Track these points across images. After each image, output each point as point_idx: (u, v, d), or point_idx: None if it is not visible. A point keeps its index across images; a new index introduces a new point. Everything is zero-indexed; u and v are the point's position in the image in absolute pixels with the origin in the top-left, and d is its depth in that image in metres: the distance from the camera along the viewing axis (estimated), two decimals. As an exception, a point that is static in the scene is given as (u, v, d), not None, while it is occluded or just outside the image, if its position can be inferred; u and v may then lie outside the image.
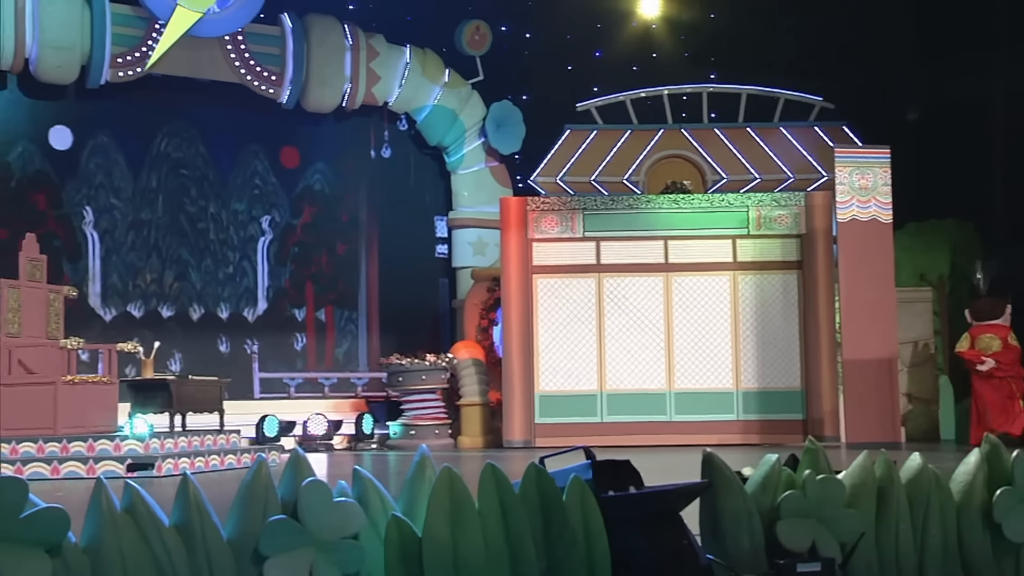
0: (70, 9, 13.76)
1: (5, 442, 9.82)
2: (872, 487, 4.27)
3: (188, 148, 15.37)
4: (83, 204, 14.56)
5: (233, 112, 15.45)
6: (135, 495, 2.52)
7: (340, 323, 16.44)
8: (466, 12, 16.58)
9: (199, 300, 15.36)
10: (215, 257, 15.57)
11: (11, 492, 2.22)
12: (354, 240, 16.60)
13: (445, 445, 14.15)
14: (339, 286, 16.45)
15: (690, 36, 17.70)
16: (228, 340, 15.56)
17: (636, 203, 14.26)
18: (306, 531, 2.74)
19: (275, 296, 15.99)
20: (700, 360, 14.00)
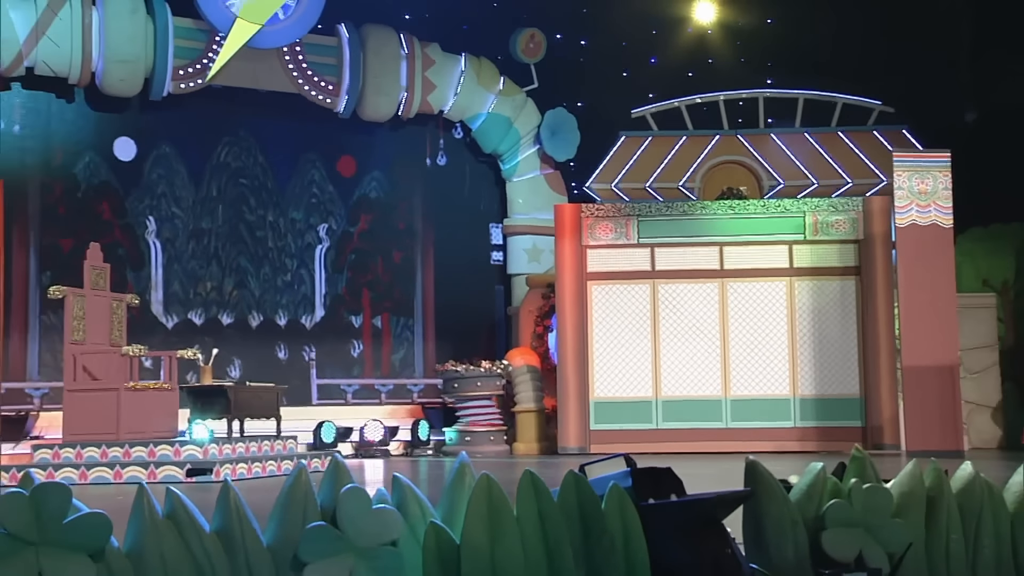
0: (134, 24, 14.03)
1: (70, 446, 10.04)
2: (921, 496, 4.21)
3: (247, 158, 15.60)
4: (146, 214, 14.83)
5: (291, 122, 15.66)
6: (176, 501, 2.58)
7: (396, 330, 16.56)
8: (521, 20, 16.65)
9: (258, 307, 15.57)
10: (273, 265, 15.77)
11: (55, 498, 2.28)
12: (410, 248, 16.73)
13: (500, 451, 14.19)
14: (395, 293, 16.58)
15: (746, 41, 17.64)
16: (286, 347, 15.74)
17: (691, 209, 14.21)
18: (345, 538, 2.77)
19: (332, 303, 16.15)
20: (756, 366, 13.90)
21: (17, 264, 13.80)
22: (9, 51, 13.57)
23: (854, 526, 3.95)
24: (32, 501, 2.26)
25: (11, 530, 2.27)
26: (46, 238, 14.20)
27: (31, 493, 2.25)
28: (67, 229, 14.17)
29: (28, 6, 13.70)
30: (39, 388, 13.69)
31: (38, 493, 2.26)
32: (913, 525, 4.13)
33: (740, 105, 17.06)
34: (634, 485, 3.37)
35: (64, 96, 14.42)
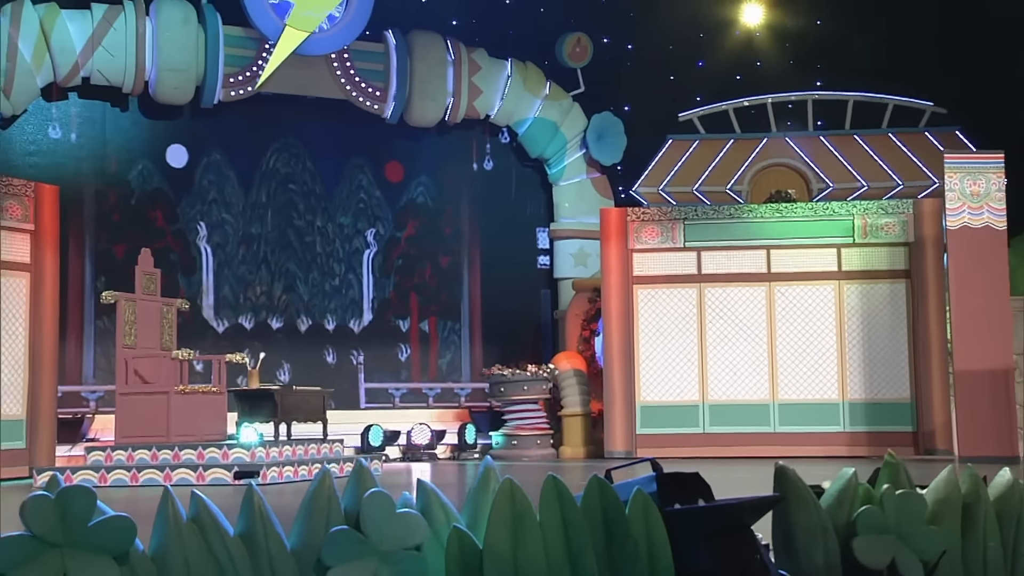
0: (186, 33, 14.24)
1: (122, 449, 10.22)
2: (957, 503, 4.17)
3: (296, 164, 15.77)
4: (197, 219, 15.05)
5: (339, 128, 15.81)
6: (201, 505, 2.63)
7: (443, 334, 16.65)
8: (568, 25, 16.68)
9: (307, 312, 15.73)
10: (322, 270, 15.93)
11: (80, 501, 2.33)
12: (457, 252, 16.81)
13: (547, 455, 14.21)
14: (442, 297, 16.67)
15: (795, 44, 17.52)
16: (334, 351, 15.89)
17: (738, 212, 14.14)
18: (368, 542, 2.79)
19: (380, 307, 16.28)
20: (804, 370, 13.79)
21: (73, 270, 14.06)
22: (66, 61, 13.84)
23: (886, 533, 3.92)
24: (58, 504, 2.32)
25: (37, 533, 2.33)
26: (101, 244, 14.46)
27: (56, 496, 2.31)
28: (121, 235, 14.41)
29: (84, 17, 13.96)
30: (95, 391, 13.93)
31: (63, 496, 2.32)
32: (948, 532, 4.09)
33: (789, 108, 16.98)
34: (659, 490, 3.37)
35: (118, 105, 14.68)
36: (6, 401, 11.43)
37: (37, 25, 13.61)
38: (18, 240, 11.66)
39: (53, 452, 11.83)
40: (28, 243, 11.73)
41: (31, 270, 11.72)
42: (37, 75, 13.73)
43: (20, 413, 11.57)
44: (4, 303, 11.44)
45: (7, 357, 11.45)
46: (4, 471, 11.07)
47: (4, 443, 11.34)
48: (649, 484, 3.40)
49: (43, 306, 11.77)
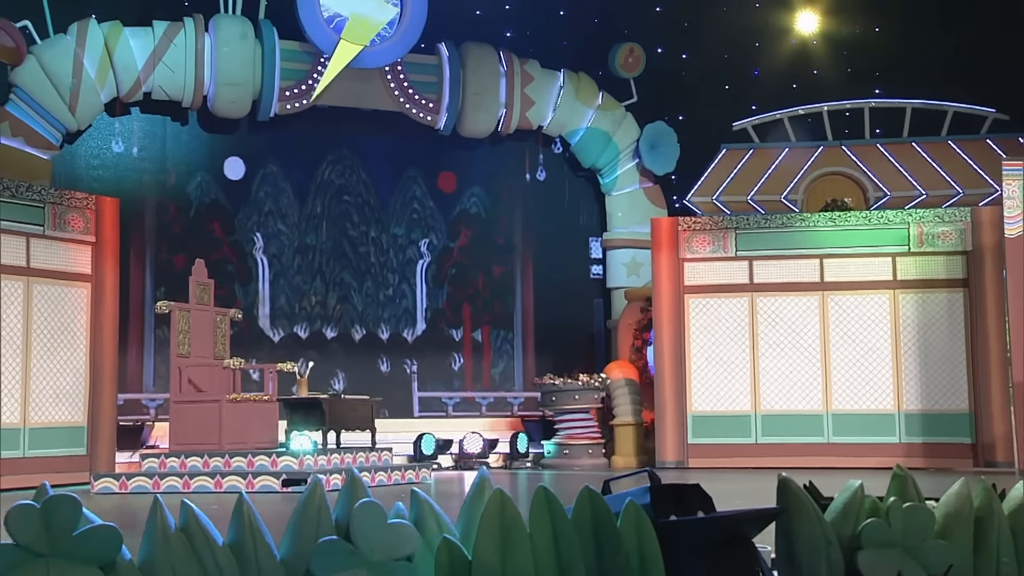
0: (244, 48, 14.51)
1: (175, 456, 10.45)
2: (968, 517, 4.13)
3: (351, 175, 15.98)
4: (253, 230, 15.31)
5: (392, 139, 15.99)
6: (190, 515, 2.71)
7: (496, 343, 16.75)
8: (622, 35, 16.70)
9: (361, 321, 15.90)
10: (376, 280, 16.11)
11: (65, 510, 2.40)
12: (510, 262, 16.90)
13: (598, 464, 14.22)
14: (495, 307, 16.76)
15: (853, 51, 17.36)
16: (388, 360, 16.05)
17: (790, 221, 14.05)
18: (358, 552, 2.81)
19: (433, 317, 16.42)
20: (859, 380, 13.64)
21: (134, 280, 14.38)
22: (128, 78, 14.18)
23: (892, 546, 3.90)
24: (43, 513, 2.38)
25: (22, 542, 2.37)
26: (161, 255, 14.77)
27: (42, 505, 2.40)
28: (180, 246, 14.71)
29: (146, 34, 14.30)
30: (154, 399, 14.24)
31: (48, 505, 2.39)
32: (959, 547, 4.05)
33: (846, 116, 16.81)
34: (654, 502, 3.40)
35: (179, 119, 15.00)
36: (68, 408, 11.75)
37: (101, 43, 13.97)
38: (80, 252, 11.99)
39: (113, 458, 12.12)
40: (89, 255, 12.06)
41: (92, 281, 12.04)
42: (101, 91, 14.08)
43: (81, 420, 11.89)
44: (66, 313, 11.77)
45: (69, 366, 11.77)
46: (66, 476, 11.38)
47: (66, 449, 11.67)
48: (643, 496, 3.43)
49: (103, 316, 12.07)
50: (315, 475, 3.18)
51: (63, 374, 11.70)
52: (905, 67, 16.55)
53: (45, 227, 11.69)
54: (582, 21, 16.84)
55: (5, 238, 11.29)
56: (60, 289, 11.73)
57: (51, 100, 13.73)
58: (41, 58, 13.68)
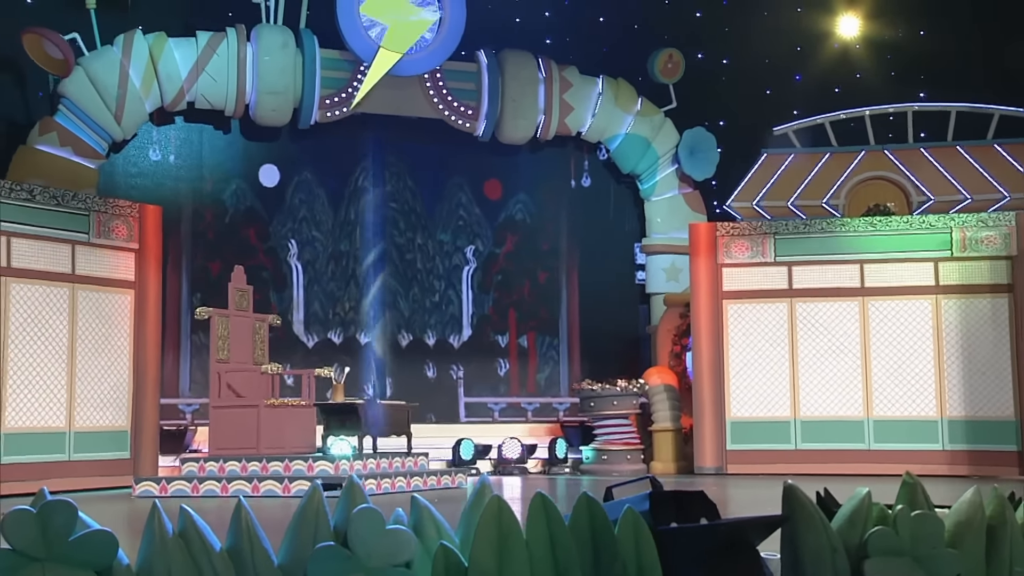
0: (285, 57, 14.69)
1: (214, 460, 10.60)
2: (980, 526, 4.10)
3: (397, 182, 16.11)
4: (288, 237, 15.45)
5: (439, 146, 16.09)
6: (188, 520, 2.75)
7: (542, 349, 16.80)
8: (662, 41, 16.68)
9: (407, 327, 16.01)
10: (422, 286, 16.21)
11: (61, 515, 2.45)
12: (555, 268, 16.95)
13: (637, 470, 14.18)
14: (541, 313, 16.81)
15: (896, 55, 17.21)
16: (434, 366, 16.15)
17: (830, 226, 13.96)
18: (355, 558, 2.79)
19: (479, 323, 16.50)
20: (900, 387, 13.51)
21: (171, 286, 14.58)
22: (172, 87, 14.41)
23: (900, 555, 3.88)
24: (39, 518, 2.44)
25: (18, 547, 2.41)
26: (197, 261, 14.96)
27: (38, 510, 2.47)
28: (216, 252, 14.92)
29: (190, 45, 14.52)
30: (190, 404, 14.43)
31: (45, 510, 2.46)
32: (970, 556, 4.02)
33: (890, 120, 16.67)
34: (653, 509, 3.40)
35: (221, 127, 15.20)
36: (112, 413, 11.97)
37: (146, 53, 14.20)
38: (123, 259, 12.22)
39: (156, 462, 12.33)
40: (133, 262, 12.28)
41: (135, 287, 12.26)
42: (146, 100, 14.32)
43: (125, 425, 12.11)
44: (110, 319, 11.99)
45: (113, 371, 11.99)
46: (110, 480, 11.61)
47: (110, 453, 11.89)
48: (642, 503, 3.44)
49: (146, 322, 12.29)
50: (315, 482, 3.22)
51: (107, 379, 11.92)
52: (950, 70, 16.38)
53: (90, 235, 11.92)
54: (622, 27, 16.86)
55: (51, 245, 11.53)
56: (104, 296, 11.96)
57: (98, 110, 13.99)
58: (88, 69, 13.94)
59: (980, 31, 16.43)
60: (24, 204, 11.34)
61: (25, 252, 11.31)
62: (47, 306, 11.43)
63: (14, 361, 11.07)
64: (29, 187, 11.54)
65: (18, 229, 11.27)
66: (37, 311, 11.34)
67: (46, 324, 11.40)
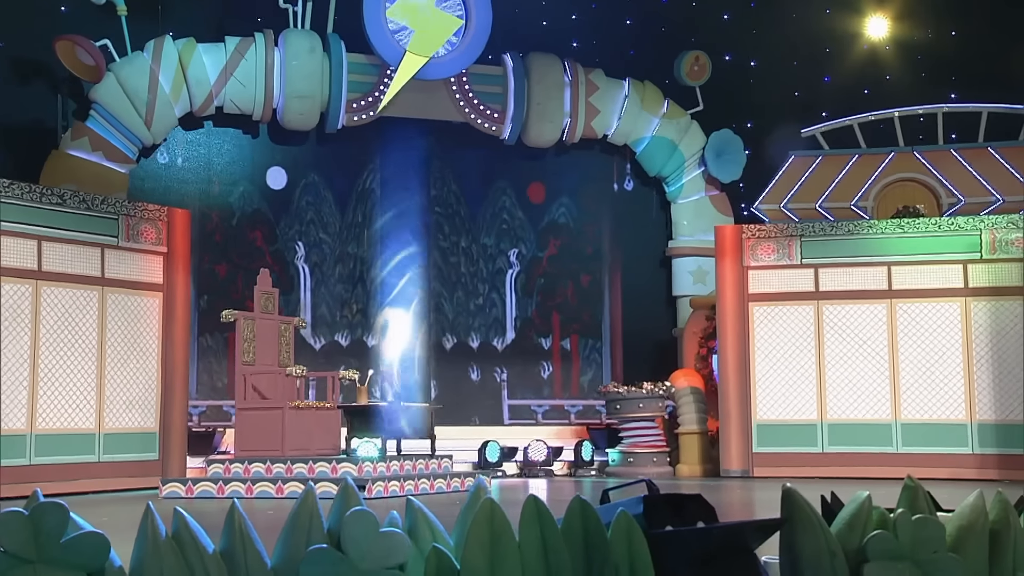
0: (312, 61, 14.80)
1: (239, 462, 10.70)
2: (983, 530, 4.08)
3: (442, 186, 16.22)
4: (295, 239, 15.47)
5: (484, 152, 16.18)
6: (181, 522, 2.79)
7: (584, 351, 16.86)
8: (689, 43, 16.65)
9: (451, 330, 16.09)
10: (466, 289, 16.31)
11: (53, 517, 2.50)
12: (597, 271, 17.00)
13: (663, 473, 14.19)
14: (583, 316, 16.87)
15: (927, 56, 17.09)
16: (478, 368, 16.24)
17: (857, 228, 13.89)
18: (348, 560, 2.81)
19: (522, 326, 16.58)
20: (929, 390, 13.40)
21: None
22: (201, 92, 14.55)
23: (900, 559, 3.88)
24: (31, 520, 2.47)
25: (9, 549, 2.43)
26: (204, 263, 14.90)
27: (30, 512, 2.52)
28: (222, 255, 15.01)
29: (218, 50, 14.67)
30: (197, 406, 14.51)
31: (36, 512, 2.51)
32: (973, 561, 4.00)
33: (920, 121, 16.56)
34: (648, 512, 3.42)
35: (249, 131, 15.34)
36: (141, 414, 12.11)
37: (176, 59, 14.36)
38: (152, 262, 12.36)
39: (184, 463, 12.45)
40: (161, 265, 12.42)
41: (163, 290, 12.40)
42: (175, 105, 14.48)
43: (154, 426, 12.24)
44: (139, 322, 12.14)
45: (141, 373, 12.14)
46: (138, 481, 11.75)
47: (139, 454, 12.04)
48: (636, 506, 3.45)
49: (175, 324, 12.43)
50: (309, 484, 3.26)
51: (136, 381, 12.07)
52: (981, 71, 16.24)
53: (119, 238, 12.08)
54: (649, 30, 16.86)
55: (82, 249, 11.69)
56: (133, 298, 12.11)
57: (128, 115, 14.16)
58: (119, 75, 14.11)
59: (1012, 31, 16.27)
60: (55, 208, 11.50)
61: (56, 256, 11.47)
62: (77, 309, 11.59)
63: (45, 363, 11.23)
64: (60, 191, 11.70)
65: (49, 233, 11.43)
66: (67, 314, 11.50)
67: (76, 327, 11.56)
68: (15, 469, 10.83)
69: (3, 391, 10.84)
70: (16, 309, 11.03)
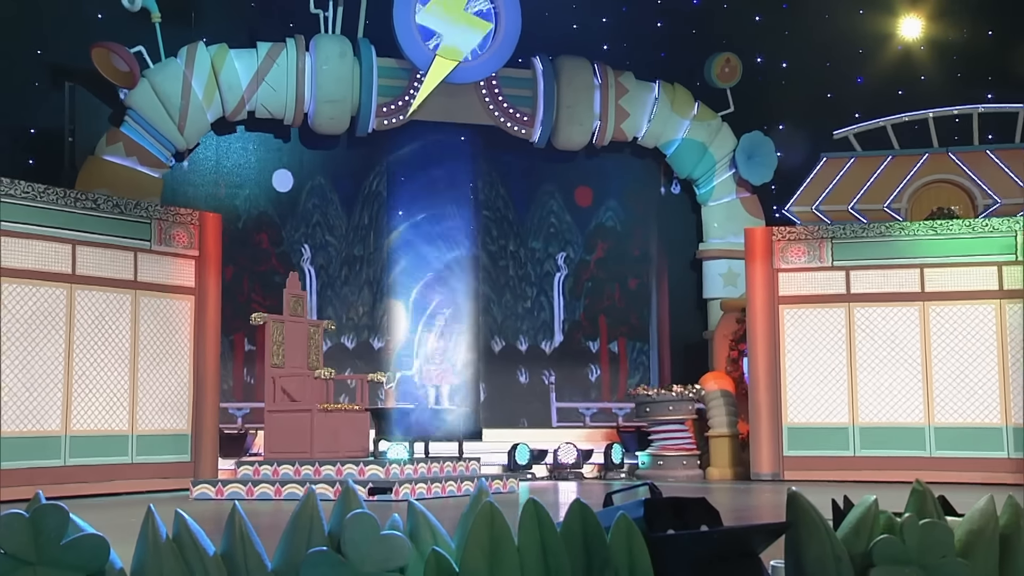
0: (342, 66, 14.90)
1: (268, 464, 10.80)
2: (993, 535, 4.05)
3: (490, 191, 16.30)
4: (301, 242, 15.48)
5: (531, 157, 16.23)
6: (182, 524, 2.84)
7: (632, 354, 16.89)
8: (720, 45, 16.60)
9: (500, 333, 16.15)
10: (514, 292, 16.39)
11: (53, 519, 2.54)
12: (645, 274, 17.01)
13: (693, 476, 14.17)
14: (631, 319, 16.88)
15: (963, 56, 16.94)
16: (526, 371, 16.31)
17: (889, 230, 13.80)
18: (348, 564, 2.82)
19: (570, 329, 16.63)
20: (963, 393, 13.28)
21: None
22: (233, 97, 14.69)
23: (906, 564, 3.87)
24: (31, 522, 2.51)
25: (9, 551, 2.47)
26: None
27: (30, 514, 2.57)
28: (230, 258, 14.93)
29: (250, 55, 14.80)
30: (240, 408, 14.62)
31: (37, 514, 2.56)
32: (982, 566, 3.98)
33: (956, 122, 16.42)
34: (648, 515, 3.42)
35: (280, 136, 15.46)
36: (173, 416, 12.26)
37: (208, 65, 14.50)
38: (184, 265, 12.51)
39: (215, 465, 12.58)
40: (193, 268, 12.56)
41: (195, 293, 12.54)
42: (208, 111, 14.62)
43: (186, 428, 12.39)
44: (171, 324, 12.28)
45: (174, 375, 12.28)
46: (171, 482, 11.88)
47: (171, 456, 12.18)
48: (637, 509, 3.46)
49: (206, 327, 12.57)
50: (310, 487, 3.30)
51: (168, 383, 12.21)
52: (1019, 70, 16.07)
53: (151, 242, 12.23)
54: (680, 33, 16.82)
55: (114, 253, 11.85)
56: (165, 301, 12.25)
57: (162, 121, 14.31)
58: (153, 81, 14.27)
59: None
60: (88, 213, 11.66)
61: (90, 259, 11.64)
62: (110, 312, 11.74)
63: (79, 365, 11.40)
64: (93, 196, 11.87)
65: (83, 237, 11.59)
66: (101, 317, 11.66)
67: (109, 329, 11.72)
68: (50, 470, 11.01)
69: (39, 393, 11.00)
70: (51, 312, 11.20)
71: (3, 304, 10.77)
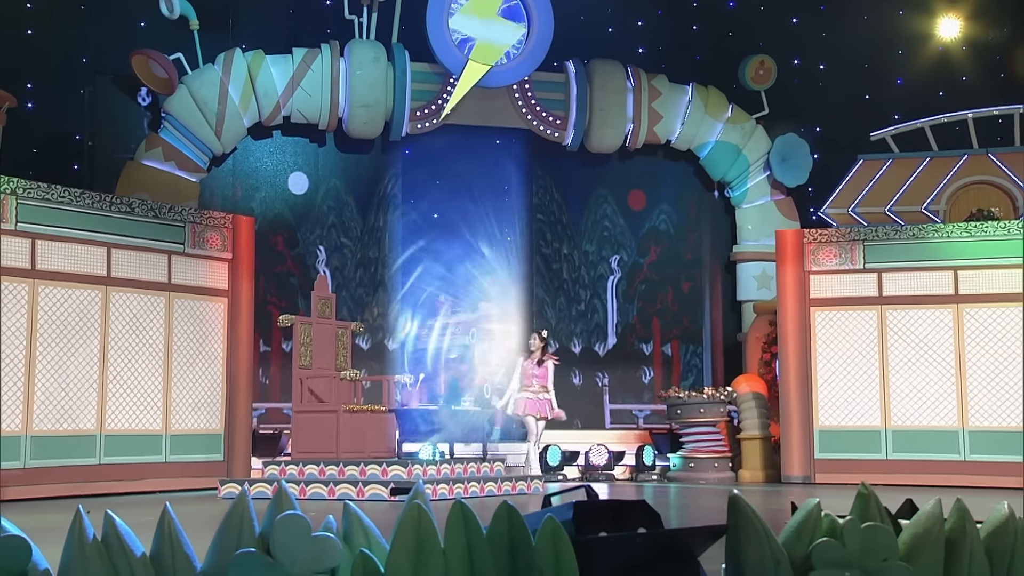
0: (376, 70, 15.09)
1: (295, 464, 11.00)
2: (938, 538, 4.05)
3: (544, 195, 16.46)
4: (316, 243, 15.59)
5: (581, 160, 16.35)
6: (110, 525, 2.91)
7: (685, 357, 16.95)
8: (756, 48, 16.55)
9: (553, 336, 16.27)
10: (568, 295, 16.52)
11: None
12: (698, 277, 17.07)
13: (724, 479, 14.14)
14: (684, 322, 16.95)
15: (1006, 56, 16.73)
16: (580, 373, 16.43)
17: (921, 233, 13.67)
18: (277, 565, 2.83)
19: (623, 331, 16.73)
20: (998, 396, 13.11)
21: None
22: (269, 103, 14.96)
23: (847, 567, 3.89)
24: None
25: None
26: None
27: None
28: None
29: (286, 62, 15.05)
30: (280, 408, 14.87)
31: None
32: (925, 570, 3.97)
33: (998, 123, 16.21)
34: (578, 518, 3.46)
35: (316, 140, 15.70)
36: (206, 417, 12.52)
37: (245, 71, 14.78)
38: (217, 268, 12.77)
39: (248, 465, 12.82)
40: (226, 271, 12.82)
41: (228, 296, 12.80)
42: (244, 116, 14.90)
43: (219, 428, 12.64)
44: (204, 326, 12.55)
45: (207, 376, 12.55)
46: (203, 481, 12.13)
47: (204, 455, 12.44)
48: (566, 512, 3.51)
49: (239, 329, 12.82)
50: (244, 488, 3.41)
51: (201, 384, 12.48)
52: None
53: (185, 245, 12.50)
54: (716, 36, 16.81)
55: (149, 256, 12.14)
56: (199, 304, 12.52)
57: (199, 126, 14.61)
58: (191, 87, 14.58)
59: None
60: (124, 216, 11.96)
61: (125, 262, 11.93)
62: (145, 314, 12.03)
63: (114, 366, 11.69)
64: (129, 200, 12.17)
65: (119, 240, 11.89)
66: (135, 318, 11.95)
67: (144, 331, 12.01)
68: (85, 468, 11.31)
69: (75, 393, 11.32)
70: (87, 314, 11.50)
71: (40, 306, 11.10)
